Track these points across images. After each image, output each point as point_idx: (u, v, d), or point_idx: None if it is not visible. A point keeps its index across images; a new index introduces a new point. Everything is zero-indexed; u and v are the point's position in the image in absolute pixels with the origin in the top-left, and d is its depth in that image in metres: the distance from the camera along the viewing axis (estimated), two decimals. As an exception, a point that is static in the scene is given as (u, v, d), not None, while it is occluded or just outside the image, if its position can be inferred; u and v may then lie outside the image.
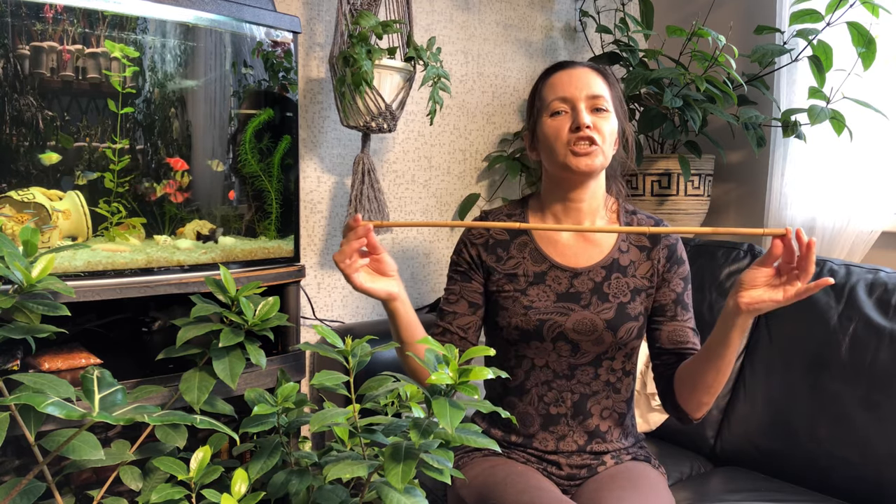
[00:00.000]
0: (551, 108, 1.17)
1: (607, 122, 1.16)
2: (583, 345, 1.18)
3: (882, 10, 1.70)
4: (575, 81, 1.17)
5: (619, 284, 1.20)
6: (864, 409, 1.44)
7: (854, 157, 1.85)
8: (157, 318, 1.46)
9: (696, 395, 1.12)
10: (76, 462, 0.94)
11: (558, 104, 1.16)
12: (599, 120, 1.15)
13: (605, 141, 1.15)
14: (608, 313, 1.18)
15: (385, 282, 1.09)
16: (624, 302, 1.19)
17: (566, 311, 1.18)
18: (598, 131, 1.14)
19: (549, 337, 1.18)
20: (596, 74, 1.18)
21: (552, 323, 1.18)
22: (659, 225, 1.26)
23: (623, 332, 1.18)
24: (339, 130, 1.95)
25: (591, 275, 1.20)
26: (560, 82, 1.18)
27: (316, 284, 1.95)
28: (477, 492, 1.13)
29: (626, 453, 1.25)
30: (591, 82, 1.17)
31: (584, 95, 1.15)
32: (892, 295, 1.52)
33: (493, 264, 1.23)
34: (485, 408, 0.84)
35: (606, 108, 1.16)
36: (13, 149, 1.10)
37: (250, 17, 1.33)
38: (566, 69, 1.19)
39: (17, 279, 0.89)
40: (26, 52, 1.10)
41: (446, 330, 1.24)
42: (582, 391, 1.21)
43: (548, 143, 1.18)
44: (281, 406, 0.99)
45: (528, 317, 1.18)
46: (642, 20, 2.13)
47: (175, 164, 1.27)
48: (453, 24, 2.14)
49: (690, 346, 1.20)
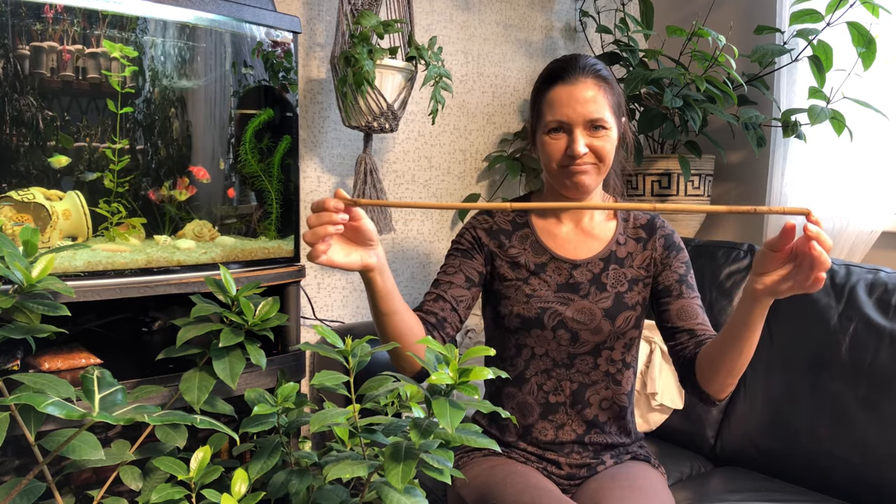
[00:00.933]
0: (549, 127, 1.17)
1: (605, 141, 1.16)
2: (582, 334, 1.20)
3: (882, 10, 1.70)
4: (573, 104, 1.14)
5: (616, 275, 1.22)
6: (864, 409, 1.44)
7: (854, 157, 1.85)
8: (157, 318, 1.46)
9: (718, 376, 1.08)
10: (76, 462, 0.93)
11: (556, 125, 1.16)
12: (597, 140, 1.15)
13: (603, 160, 1.16)
14: (606, 302, 1.20)
15: (361, 253, 0.99)
16: (622, 291, 1.21)
17: (566, 300, 1.20)
18: (594, 153, 1.16)
19: (550, 325, 1.19)
20: (596, 88, 1.15)
21: (553, 311, 1.20)
22: (654, 220, 1.27)
23: (621, 321, 1.20)
24: (339, 130, 1.95)
25: (589, 266, 1.23)
26: (559, 101, 1.15)
27: (316, 284, 1.95)
28: (477, 491, 1.13)
29: (625, 453, 1.25)
30: (591, 103, 1.14)
31: (583, 120, 1.14)
32: (892, 295, 1.52)
33: (496, 249, 1.25)
34: (485, 408, 0.84)
35: (606, 125, 1.16)
36: (13, 149, 1.10)
37: (250, 17, 1.33)
38: (566, 84, 1.16)
39: (17, 279, 0.89)
40: (26, 52, 1.10)
41: (440, 297, 1.20)
42: (581, 380, 1.22)
43: (544, 159, 1.20)
44: (281, 406, 0.99)
45: (529, 304, 1.20)
46: (642, 20, 2.13)
47: (198, 174, 1.28)
48: (453, 24, 2.14)
49: (700, 321, 1.19)
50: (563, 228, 1.26)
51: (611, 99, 1.18)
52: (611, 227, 1.26)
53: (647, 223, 1.27)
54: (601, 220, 1.27)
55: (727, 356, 1.06)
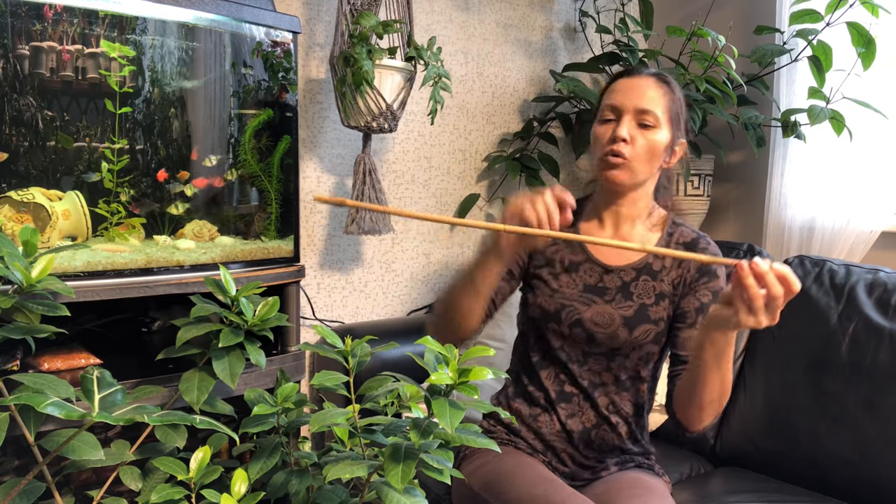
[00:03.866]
0: (602, 114, 1.20)
1: (649, 139, 1.16)
2: (598, 336, 1.20)
3: (882, 10, 1.70)
4: (629, 92, 1.17)
5: (645, 287, 1.21)
6: (864, 409, 1.44)
7: (854, 157, 1.85)
8: (157, 318, 1.46)
9: (689, 409, 1.12)
10: (76, 462, 0.94)
11: (608, 112, 1.18)
12: (641, 135, 1.16)
13: (640, 157, 1.16)
14: (628, 311, 1.20)
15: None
16: (647, 304, 1.20)
17: (589, 301, 1.21)
18: (633, 146, 1.15)
19: (567, 322, 1.21)
20: (657, 86, 1.17)
21: (571, 309, 1.21)
22: (698, 240, 1.24)
23: (639, 333, 1.19)
24: (338, 130, 1.95)
25: (621, 274, 1.23)
26: (618, 89, 1.19)
27: (316, 284, 1.95)
28: (484, 480, 1.14)
29: (630, 461, 1.25)
30: (646, 95, 1.16)
31: (633, 108, 1.16)
32: (892, 295, 1.52)
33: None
34: (484, 408, 0.84)
35: (654, 123, 1.16)
36: (13, 149, 1.10)
37: (250, 17, 1.33)
38: (630, 77, 1.20)
39: (17, 279, 0.89)
40: (26, 52, 1.09)
41: None
42: (592, 379, 1.23)
43: (592, 147, 1.22)
44: (281, 406, 0.99)
45: (553, 299, 1.22)
46: (642, 20, 2.13)
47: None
48: (453, 24, 2.14)
49: None
50: (604, 233, 1.25)
51: (668, 103, 1.18)
52: (652, 239, 1.24)
53: (690, 241, 1.24)
54: (643, 230, 1.25)
55: (694, 390, 1.08)
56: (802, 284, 1.65)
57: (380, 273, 2.07)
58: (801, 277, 1.68)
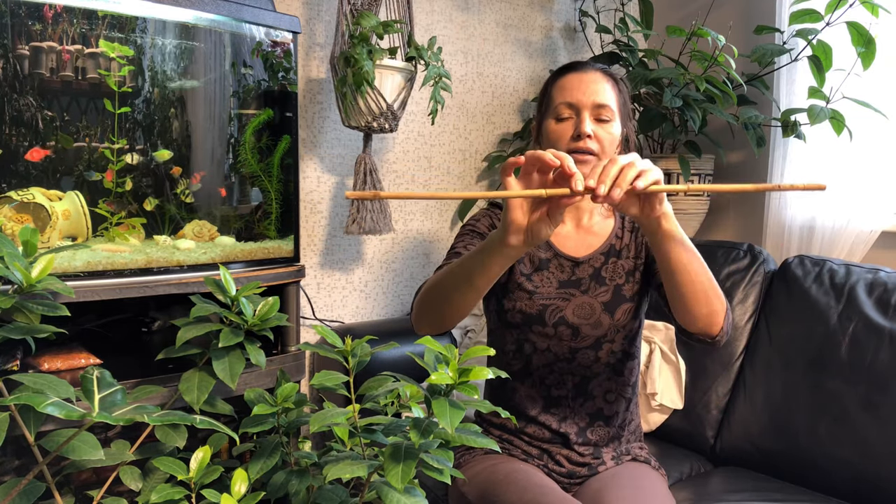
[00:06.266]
0: (557, 112, 1.19)
1: (609, 132, 1.18)
2: (583, 329, 1.21)
3: (882, 10, 1.70)
4: (583, 87, 1.18)
5: (615, 268, 1.24)
6: (864, 409, 1.44)
7: (854, 157, 1.85)
8: (157, 318, 1.46)
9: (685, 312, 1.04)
10: (76, 462, 0.94)
11: (564, 109, 1.19)
12: (601, 129, 1.18)
13: (605, 150, 1.18)
14: (606, 296, 1.22)
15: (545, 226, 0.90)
16: (619, 284, 1.23)
17: (568, 296, 1.22)
18: (598, 141, 1.17)
19: (551, 322, 1.21)
20: (605, 80, 1.20)
21: (554, 308, 1.21)
22: None
23: (620, 315, 1.21)
24: (338, 130, 1.95)
25: (591, 262, 1.24)
26: (569, 86, 1.19)
27: (316, 284, 1.95)
28: (479, 489, 1.14)
29: (626, 454, 1.26)
30: (599, 90, 1.18)
31: (591, 103, 1.17)
32: (892, 295, 1.52)
33: None
34: (484, 408, 0.84)
35: (610, 117, 1.18)
36: (13, 149, 1.10)
37: (250, 17, 1.33)
38: (577, 72, 1.20)
39: (17, 279, 0.89)
40: (26, 52, 1.09)
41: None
42: (583, 374, 1.24)
43: (550, 146, 1.21)
44: (281, 406, 0.99)
45: (532, 301, 1.21)
46: (642, 20, 2.13)
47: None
48: (453, 24, 2.14)
49: None
50: (565, 228, 1.28)
51: (617, 96, 1.20)
52: (609, 224, 1.28)
53: None
54: (599, 219, 1.29)
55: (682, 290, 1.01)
56: (803, 284, 1.66)
57: (380, 273, 2.07)
58: (801, 277, 1.68)
